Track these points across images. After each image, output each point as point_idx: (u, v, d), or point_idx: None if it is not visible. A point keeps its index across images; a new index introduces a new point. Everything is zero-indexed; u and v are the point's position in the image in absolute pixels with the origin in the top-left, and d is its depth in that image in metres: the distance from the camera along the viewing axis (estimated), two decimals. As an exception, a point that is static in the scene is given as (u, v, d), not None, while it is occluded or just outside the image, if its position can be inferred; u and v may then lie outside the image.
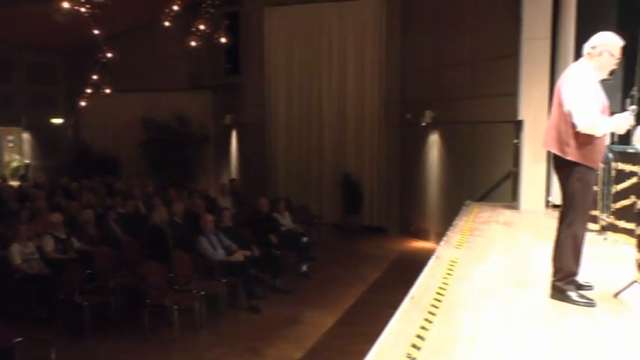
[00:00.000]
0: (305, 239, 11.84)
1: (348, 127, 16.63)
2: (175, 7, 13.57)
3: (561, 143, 4.47)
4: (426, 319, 4.17)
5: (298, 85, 17.11)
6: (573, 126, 4.39)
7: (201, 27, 14.17)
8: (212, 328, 8.71)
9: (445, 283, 5.12)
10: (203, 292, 8.64)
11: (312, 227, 13.22)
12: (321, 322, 9.09)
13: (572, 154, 4.43)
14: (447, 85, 13.32)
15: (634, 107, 4.56)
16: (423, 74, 14.38)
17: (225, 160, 19.54)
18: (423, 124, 13.95)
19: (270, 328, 8.77)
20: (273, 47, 17.26)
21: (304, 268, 11.57)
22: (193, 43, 14.37)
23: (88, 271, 8.91)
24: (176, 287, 8.74)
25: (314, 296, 10.35)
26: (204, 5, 14.54)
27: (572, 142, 4.41)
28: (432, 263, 5.88)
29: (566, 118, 4.44)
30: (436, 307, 4.46)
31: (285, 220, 12.25)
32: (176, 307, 8.22)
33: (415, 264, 6.87)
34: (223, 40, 15.29)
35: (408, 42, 15.09)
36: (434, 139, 14.21)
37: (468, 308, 4.45)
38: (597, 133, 4.37)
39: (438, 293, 4.81)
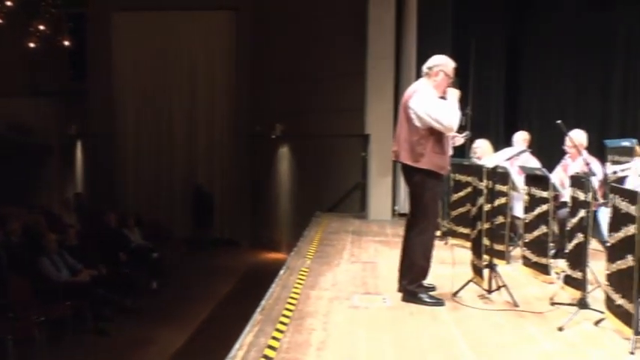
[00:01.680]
0: (155, 255, 11.44)
1: (199, 138, 16.32)
2: (9, 3, 12.47)
3: (415, 155, 4.80)
4: (278, 330, 4.21)
5: (148, 94, 16.48)
6: (426, 137, 4.74)
7: (41, 27, 13.21)
8: (55, 356, 8.07)
9: (296, 293, 5.19)
10: (44, 318, 7.91)
11: (162, 242, 12.82)
12: (172, 340, 8.81)
13: (425, 163, 4.77)
14: (297, 98, 13.55)
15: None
16: (274, 87, 14.52)
17: (71, 172, 18.35)
18: (273, 136, 14.09)
19: (119, 351, 8.31)
20: (121, 54, 16.48)
21: (155, 285, 11.15)
22: (32, 45, 13.35)
23: None
24: (11, 315, 7.94)
25: (165, 314, 9.99)
26: (43, 4, 13.55)
27: (425, 152, 4.77)
28: (282, 274, 5.94)
29: (418, 131, 4.78)
30: (287, 316, 4.52)
31: (135, 236, 11.75)
32: (11, 337, 7.48)
33: (267, 275, 6.88)
34: (66, 43, 14.40)
35: (259, 54, 15.17)
36: (284, 152, 14.39)
37: (318, 316, 4.54)
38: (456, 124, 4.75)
39: (289, 303, 4.87)
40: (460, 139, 5.23)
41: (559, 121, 4.70)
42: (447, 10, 10.65)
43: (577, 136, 6.47)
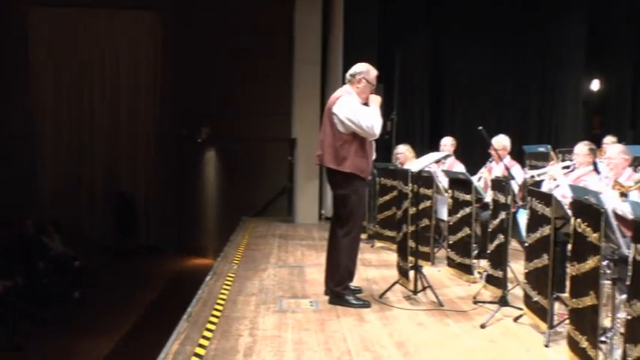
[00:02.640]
0: (77, 263, 11.04)
1: (122, 141, 15.82)
2: None
3: (338, 159, 4.87)
4: (204, 336, 4.14)
5: (67, 95, 15.83)
6: (349, 142, 4.82)
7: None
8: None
9: (222, 299, 5.13)
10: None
11: (84, 250, 12.38)
12: (95, 351, 8.53)
13: (349, 167, 4.85)
14: (224, 101, 13.44)
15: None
16: (200, 90, 14.32)
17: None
18: (199, 140, 13.90)
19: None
20: (37, 51, 15.82)
21: (76, 294, 10.75)
22: None
23: None
24: None
25: (88, 325, 9.63)
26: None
27: (348, 156, 4.85)
28: (209, 279, 5.87)
29: (341, 136, 4.86)
30: (214, 323, 4.46)
31: (55, 244, 11.29)
32: None
33: (193, 282, 6.79)
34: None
35: (184, 56, 14.91)
36: (210, 156, 14.23)
37: (245, 321, 4.50)
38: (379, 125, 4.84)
39: (216, 309, 4.81)
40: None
41: (480, 127, 4.85)
42: (373, 17, 10.84)
43: (501, 141, 6.72)
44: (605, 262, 3.50)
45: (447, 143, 7.42)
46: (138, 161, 15.83)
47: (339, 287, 4.96)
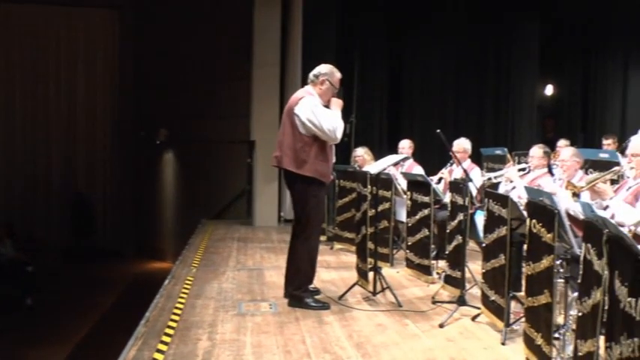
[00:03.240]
0: (30, 268, 10.77)
1: (79, 142, 15.54)
2: None
3: (298, 161, 4.80)
4: (162, 342, 4.09)
5: (21, 94, 15.44)
6: (310, 145, 4.78)
7: None
8: None
9: (181, 303, 5.07)
10: None
11: (38, 254, 12.08)
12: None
13: (309, 170, 4.79)
14: (183, 103, 13.29)
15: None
16: (159, 91, 14.14)
17: None
18: (158, 141, 13.72)
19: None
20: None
21: (29, 301, 10.48)
22: None
23: None
24: None
25: (41, 332, 9.41)
26: None
27: (308, 159, 4.79)
28: (167, 284, 5.80)
29: (302, 138, 4.79)
30: (172, 327, 4.40)
31: (6, 248, 11.00)
32: None
33: (151, 286, 6.70)
34: None
35: (143, 55, 14.71)
36: (169, 158, 14.06)
37: (204, 325, 4.46)
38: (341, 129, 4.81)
39: (174, 313, 4.75)
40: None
41: (438, 131, 4.91)
42: (332, 19, 10.88)
43: (462, 144, 6.84)
44: (558, 262, 3.58)
45: (405, 146, 7.50)
46: (96, 163, 15.57)
47: (299, 290, 4.95)
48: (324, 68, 4.97)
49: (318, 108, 4.79)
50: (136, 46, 14.80)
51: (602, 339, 2.66)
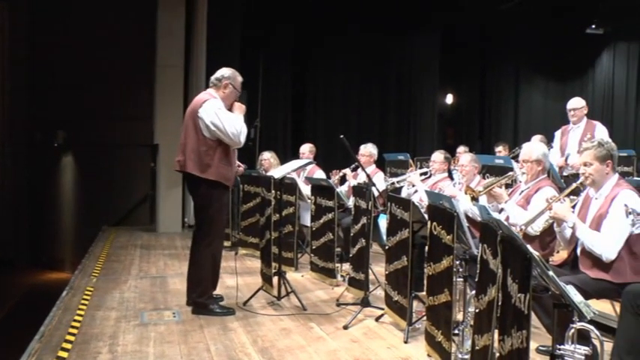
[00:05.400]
0: None
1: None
2: None
3: (202, 165, 4.71)
4: (59, 357, 3.89)
5: None
6: (214, 148, 4.70)
7: None
8: None
9: (80, 315, 4.84)
10: None
11: None
12: None
13: (213, 174, 4.71)
14: (83, 104, 12.76)
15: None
16: (56, 91, 13.48)
17: None
18: (55, 144, 13.10)
19: None
20: None
21: None
22: None
23: None
24: None
25: None
26: None
27: (212, 163, 4.71)
28: (65, 295, 5.52)
29: (206, 142, 4.70)
30: (70, 341, 4.19)
31: None
32: None
33: (48, 298, 6.35)
34: None
35: (38, 53, 13.96)
36: (68, 161, 13.47)
37: (104, 337, 4.28)
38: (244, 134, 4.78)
39: (72, 327, 4.52)
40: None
41: (342, 136, 4.97)
42: (237, 23, 10.81)
43: (369, 149, 6.97)
44: (457, 262, 3.72)
45: (306, 150, 7.57)
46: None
47: (203, 297, 4.86)
48: (226, 72, 4.91)
49: (222, 111, 4.73)
50: (29, 43, 14.01)
51: (496, 333, 2.79)
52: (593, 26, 12.89)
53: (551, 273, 2.52)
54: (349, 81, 12.78)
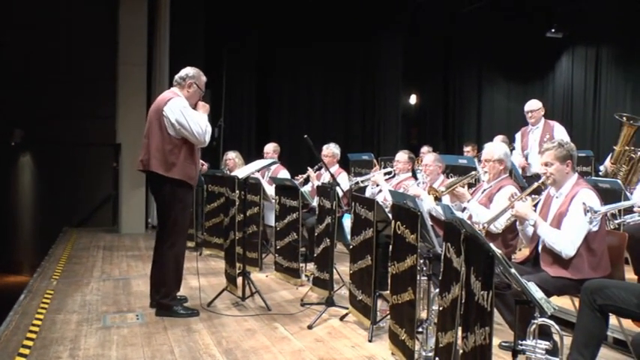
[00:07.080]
0: None
1: None
2: None
3: (167, 164, 4.66)
4: (16, 363, 3.79)
5: None
6: (179, 147, 4.66)
7: None
8: None
9: (39, 319, 4.73)
10: None
11: None
12: None
13: (178, 173, 4.67)
14: (41, 102, 12.47)
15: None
16: (14, 88, 13.15)
17: None
18: (13, 143, 12.79)
19: None
20: None
21: None
22: None
23: None
24: None
25: None
26: None
27: (177, 162, 4.66)
28: (23, 299, 5.38)
29: (171, 140, 4.65)
30: (28, 347, 4.08)
31: None
32: None
33: (4, 302, 6.18)
34: None
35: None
36: (26, 161, 13.17)
37: (65, 342, 4.19)
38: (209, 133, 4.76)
39: (31, 331, 4.41)
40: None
41: (306, 136, 4.97)
42: (201, 21, 10.73)
43: (332, 149, 6.99)
44: (421, 261, 3.75)
45: (270, 150, 7.56)
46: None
47: (167, 299, 4.81)
48: (190, 71, 4.87)
49: (187, 109, 4.69)
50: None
51: (460, 330, 2.82)
52: (553, 30, 13.16)
53: (513, 270, 2.55)
54: (314, 81, 12.80)
